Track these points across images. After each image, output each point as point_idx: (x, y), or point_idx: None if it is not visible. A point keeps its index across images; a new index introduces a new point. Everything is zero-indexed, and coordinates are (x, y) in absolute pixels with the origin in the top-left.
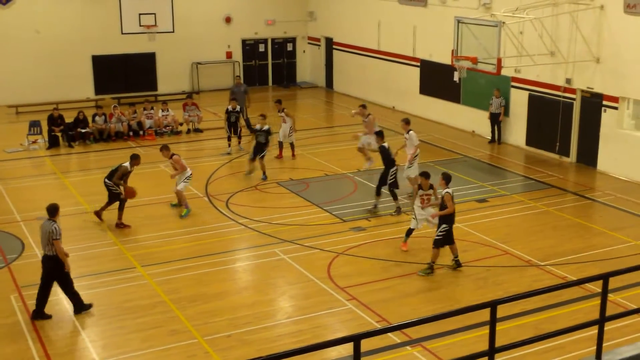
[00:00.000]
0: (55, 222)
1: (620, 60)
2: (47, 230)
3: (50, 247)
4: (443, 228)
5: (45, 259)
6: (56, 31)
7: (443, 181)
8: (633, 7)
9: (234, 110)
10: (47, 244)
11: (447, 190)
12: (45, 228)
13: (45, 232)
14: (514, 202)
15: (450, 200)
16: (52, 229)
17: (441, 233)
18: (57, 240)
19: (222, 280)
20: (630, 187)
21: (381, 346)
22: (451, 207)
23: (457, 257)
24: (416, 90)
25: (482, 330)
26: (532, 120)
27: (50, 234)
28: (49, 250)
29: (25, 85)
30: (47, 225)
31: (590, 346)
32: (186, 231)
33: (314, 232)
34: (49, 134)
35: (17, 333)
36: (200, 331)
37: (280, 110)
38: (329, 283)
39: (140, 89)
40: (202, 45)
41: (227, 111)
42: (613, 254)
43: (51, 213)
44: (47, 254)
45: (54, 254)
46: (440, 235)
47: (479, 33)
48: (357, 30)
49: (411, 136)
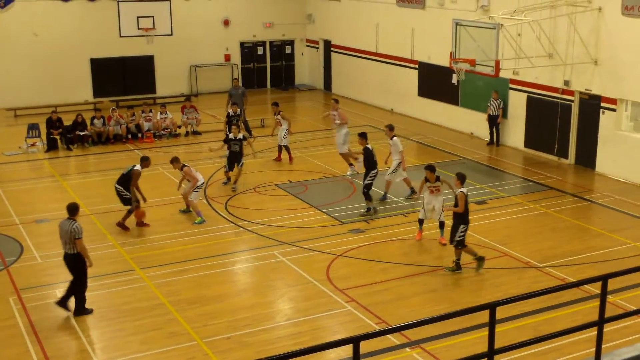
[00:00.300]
0: (75, 221)
1: (619, 62)
2: (68, 230)
3: (70, 246)
4: (462, 229)
5: (67, 257)
6: (54, 34)
7: (458, 181)
8: (631, 9)
9: (235, 114)
10: (67, 243)
11: (462, 189)
12: (65, 227)
13: (65, 231)
14: (512, 204)
15: (462, 199)
16: (73, 228)
17: (461, 234)
18: (79, 239)
19: (221, 282)
20: (629, 188)
21: (380, 348)
22: (461, 207)
23: (459, 260)
24: (414, 92)
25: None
26: (531, 122)
27: (72, 233)
28: (70, 249)
29: (23, 88)
30: (67, 224)
31: (589, 347)
32: (185, 233)
33: (312, 234)
34: (48, 136)
35: (16, 336)
36: (200, 333)
37: (277, 113)
38: (328, 285)
39: (139, 91)
40: (201, 48)
41: (228, 115)
42: (612, 256)
43: (71, 212)
44: (68, 252)
45: (74, 252)
46: (461, 236)
47: (477, 35)
48: (355, 32)
49: (395, 142)
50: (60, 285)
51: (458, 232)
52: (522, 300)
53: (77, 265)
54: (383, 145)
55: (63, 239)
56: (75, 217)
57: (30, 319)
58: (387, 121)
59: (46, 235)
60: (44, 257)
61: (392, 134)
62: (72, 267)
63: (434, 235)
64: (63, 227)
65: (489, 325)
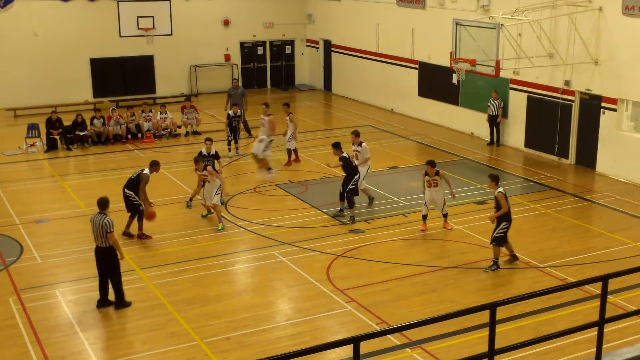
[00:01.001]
0: (106, 215)
1: (619, 62)
2: (100, 224)
3: (103, 240)
4: (504, 226)
5: (98, 251)
6: (54, 34)
7: (492, 182)
8: (631, 9)
9: (235, 115)
10: (99, 237)
11: (499, 190)
12: (97, 222)
13: (98, 225)
14: (513, 204)
15: (503, 199)
16: (105, 222)
17: (501, 231)
18: (111, 233)
19: (221, 282)
20: (630, 188)
21: (381, 348)
22: (505, 206)
23: (497, 259)
24: (415, 92)
25: (482, 332)
26: (531, 122)
27: (104, 227)
28: (102, 243)
29: (23, 88)
30: (99, 218)
31: (589, 348)
32: (185, 233)
33: (312, 235)
34: (47, 137)
35: (16, 336)
36: (200, 333)
37: (287, 114)
38: (328, 285)
39: (139, 91)
40: (201, 48)
41: (228, 116)
42: (612, 256)
43: (102, 206)
44: (100, 246)
45: (106, 246)
46: (501, 233)
47: (477, 35)
48: (355, 32)
49: (363, 149)
50: (60, 285)
51: (498, 229)
52: (522, 301)
53: (110, 258)
54: (382, 145)
55: (95, 233)
56: (106, 211)
57: (30, 319)
58: (387, 121)
59: (46, 235)
60: (44, 257)
61: (359, 140)
62: (104, 260)
63: (433, 235)
64: (95, 222)
65: (490, 325)
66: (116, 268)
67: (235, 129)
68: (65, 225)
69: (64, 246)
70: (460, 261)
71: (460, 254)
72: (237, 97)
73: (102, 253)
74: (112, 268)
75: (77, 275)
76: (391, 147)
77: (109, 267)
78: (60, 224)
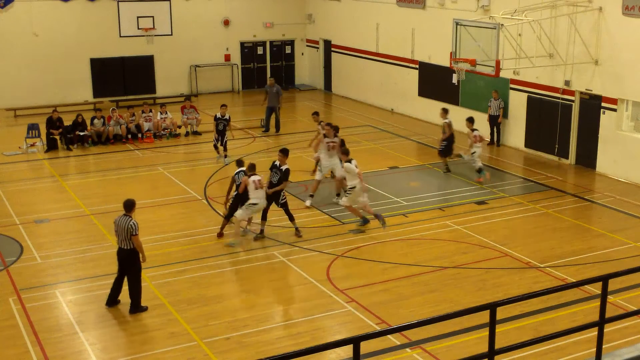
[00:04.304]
0: (131, 217)
1: (619, 62)
2: (125, 226)
3: (127, 242)
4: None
5: (121, 253)
6: (54, 34)
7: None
8: (631, 9)
9: (222, 117)
10: (124, 239)
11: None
12: (122, 224)
13: (123, 227)
14: (513, 204)
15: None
16: (130, 225)
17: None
18: (136, 235)
19: (221, 282)
20: (630, 188)
21: (381, 348)
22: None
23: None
24: (415, 92)
25: (482, 332)
26: (531, 122)
27: (129, 230)
28: (125, 245)
29: (23, 88)
30: (124, 220)
31: (590, 348)
32: (185, 234)
33: (312, 235)
34: (48, 137)
35: (16, 336)
36: (200, 334)
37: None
38: (328, 285)
39: (139, 91)
40: (201, 48)
41: (215, 118)
42: (612, 256)
43: (127, 208)
44: (123, 247)
45: (129, 248)
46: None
47: (477, 35)
48: (355, 32)
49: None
50: (60, 285)
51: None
52: (522, 301)
53: (131, 261)
54: (382, 145)
55: (119, 235)
56: (131, 214)
57: (30, 319)
58: (387, 121)
59: (46, 235)
60: (44, 257)
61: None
62: (126, 262)
63: (433, 235)
64: (120, 224)
65: (490, 325)
66: (137, 271)
67: (223, 132)
68: (65, 225)
69: (64, 246)
70: (460, 261)
71: (460, 254)
72: (273, 95)
73: (125, 255)
74: (133, 271)
75: (77, 275)
76: (391, 147)
77: (129, 270)
78: (60, 224)
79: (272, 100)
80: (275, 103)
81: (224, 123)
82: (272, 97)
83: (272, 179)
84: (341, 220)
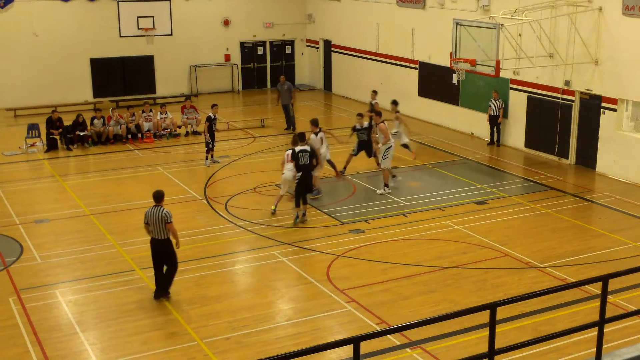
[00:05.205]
0: (162, 207)
1: (619, 62)
2: (159, 216)
3: (161, 232)
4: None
5: (155, 243)
6: (54, 34)
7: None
8: (631, 9)
9: (215, 117)
10: (158, 229)
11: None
12: (156, 214)
13: (157, 218)
14: (513, 204)
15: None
16: (164, 213)
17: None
18: (170, 223)
19: (221, 282)
20: (630, 188)
21: (380, 348)
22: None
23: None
24: (415, 92)
25: (482, 332)
26: (531, 122)
27: (164, 218)
28: (159, 235)
29: (23, 88)
30: (157, 211)
31: (590, 348)
32: (185, 234)
33: (312, 235)
34: (48, 137)
35: (16, 336)
36: (200, 334)
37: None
38: (328, 285)
39: (139, 91)
40: (201, 48)
41: (208, 118)
42: (612, 256)
43: (158, 199)
44: (157, 238)
45: (163, 238)
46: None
47: (477, 35)
48: (355, 32)
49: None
50: (60, 285)
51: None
52: (522, 301)
53: (167, 249)
54: None
55: (154, 225)
56: (162, 204)
57: (30, 319)
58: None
59: (46, 235)
60: (44, 257)
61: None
62: (162, 252)
63: (433, 235)
64: (152, 214)
65: (490, 325)
66: (174, 258)
67: (214, 133)
68: (65, 225)
69: (64, 246)
70: (460, 261)
71: (460, 254)
72: (284, 93)
73: (159, 245)
74: (171, 258)
75: (77, 275)
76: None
77: (167, 258)
78: (60, 224)
79: (284, 98)
80: (287, 100)
81: (215, 123)
82: (284, 94)
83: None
84: (341, 220)
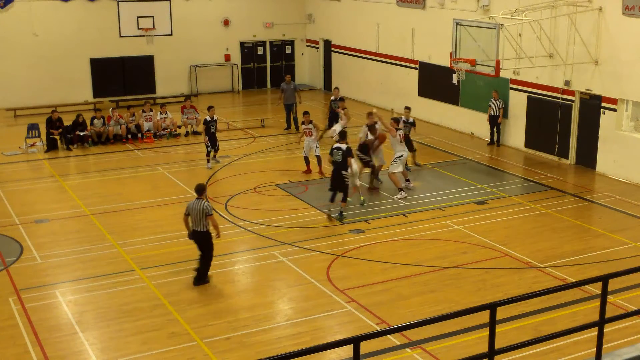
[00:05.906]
0: (203, 200)
1: (619, 62)
2: (200, 209)
3: (202, 224)
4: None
5: (196, 234)
6: (54, 34)
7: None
8: (631, 9)
9: (212, 119)
10: (199, 221)
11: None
12: (197, 207)
13: (198, 210)
14: (513, 204)
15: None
16: (205, 206)
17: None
18: (211, 215)
19: (221, 282)
20: (630, 188)
21: (380, 348)
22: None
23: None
24: (415, 92)
25: (482, 332)
26: (531, 122)
27: (205, 210)
28: (200, 227)
29: (23, 88)
30: (198, 204)
31: (590, 348)
32: (185, 234)
33: (312, 235)
34: (48, 137)
35: (16, 336)
36: (200, 334)
37: (308, 122)
38: (328, 285)
39: (139, 91)
40: (201, 48)
41: (205, 121)
42: (612, 256)
43: (199, 192)
44: (198, 230)
45: (204, 230)
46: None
47: (477, 35)
48: (355, 32)
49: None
50: (60, 285)
51: None
52: (522, 301)
53: (206, 240)
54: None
55: (195, 217)
56: (203, 197)
57: (30, 319)
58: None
59: (46, 235)
60: (44, 257)
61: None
62: (202, 243)
63: (433, 235)
64: (195, 207)
65: (490, 325)
66: (211, 250)
67: (214, 135)
68: (65, 225)
69: (64, 246)
70: (460, 261)
71: (460, 254)
72: (290, 92)
73: (199, 236)
74: (208, 250)
75: (77, 275)
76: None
77: (205, 249)
78: (60, 224)
79: (289, 98)
80: (292, 100)
81: (214, 125)
82: (289, 94)
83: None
84: (341, 220)
